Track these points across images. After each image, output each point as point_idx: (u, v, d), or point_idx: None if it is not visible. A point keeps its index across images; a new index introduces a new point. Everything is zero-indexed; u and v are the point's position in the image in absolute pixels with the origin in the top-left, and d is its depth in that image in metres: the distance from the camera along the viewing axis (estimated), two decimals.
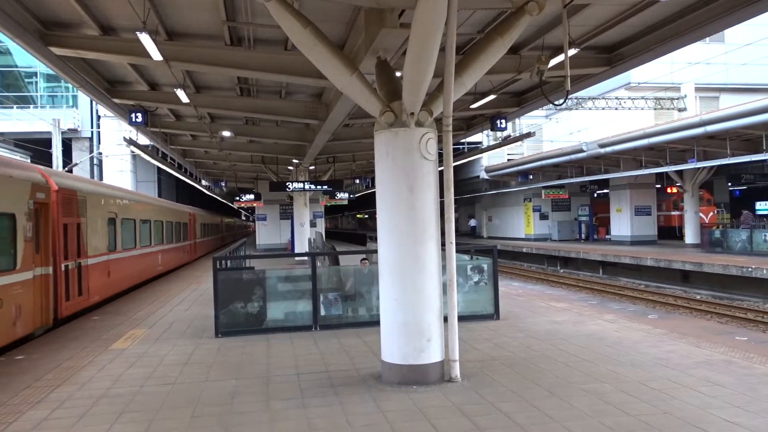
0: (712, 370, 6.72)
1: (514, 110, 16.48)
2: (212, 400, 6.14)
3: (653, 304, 18.46)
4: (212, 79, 13.52)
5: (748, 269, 18.43)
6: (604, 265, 27.07)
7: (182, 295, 15.24)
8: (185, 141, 22.43)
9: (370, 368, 7.20)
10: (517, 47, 11.10)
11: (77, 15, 9.16)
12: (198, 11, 9.17)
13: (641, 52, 10.83)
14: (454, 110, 6.57)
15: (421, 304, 6.52)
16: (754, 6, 8.31)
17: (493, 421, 5.28)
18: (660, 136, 23.24)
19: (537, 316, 10.65)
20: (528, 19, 6.60)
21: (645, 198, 31.37)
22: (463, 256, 11.26)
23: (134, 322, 11.26)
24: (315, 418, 5.49)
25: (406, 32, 6.26)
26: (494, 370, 7.01)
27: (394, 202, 6.59)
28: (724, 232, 24.75)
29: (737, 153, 22.78)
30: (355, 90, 6.68)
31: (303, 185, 23.55)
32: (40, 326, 10.07)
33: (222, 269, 10.92)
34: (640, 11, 9.28)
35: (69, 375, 7.32)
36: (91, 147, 37.21)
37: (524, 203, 39.51)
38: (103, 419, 5.61)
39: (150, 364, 7.77)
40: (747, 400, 5.61)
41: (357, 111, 13.60)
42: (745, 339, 8.93)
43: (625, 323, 9.75)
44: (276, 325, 9.75)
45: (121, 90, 14.02)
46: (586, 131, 38.48)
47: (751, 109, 18.97)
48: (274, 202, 33.32)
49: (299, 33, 6.26)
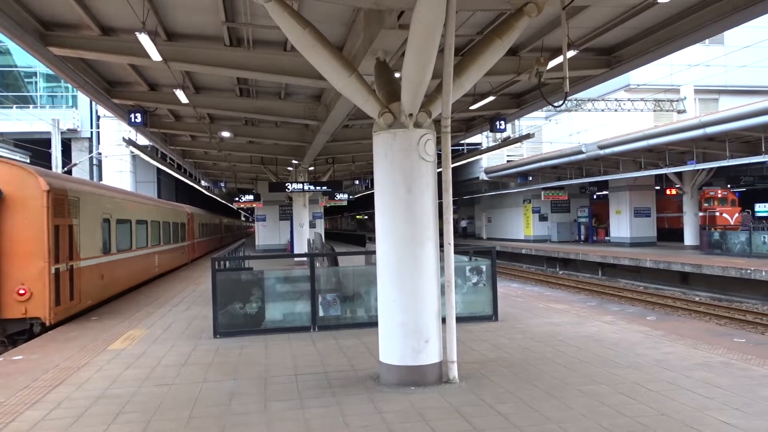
0: (710, 371, 6.72)
1: (514, 111, 16.48)
2: (210, 400, 6.14)
3: (652, 306, 18.48)
4: (212, 80, 13.53)
5: (747, 271, 18.44)
6: (603, 267, 27.08)
7: (181, 295, 15.24)
8: (184, 141, 22.43)
9: (368, 369, 7.20)
10: (516, 49, 11.10)
11: (77, 15, 9.17)
12: (197, 12, 9.17)
13: (640, 54, 10.83)
14: (453, 111, 6.58)
15: (419, 305, 6.52)
16: (754, 8, 8.31)
17: (490, 423, 5.28)
18: (659, 137, 23.27)
19: (535, 317, 10.65)
20: (527, 21, 6.60)
21: (644, 200, 31.39)
22: (462, 257, 11.26)
23: (133, 322, 11.25)
24: (313, 419, 5.49)
25: (405, 33, 6.26)
26: (492, 371, 7.01)
27: (393, 203, 6.59)
28: (724, 233, 24.75)
29: (736, 155, 22.81)
30: (353, 91, 6.68)
31: (302, 186, 23.55)
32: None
33: (221, 270, 10.91)
34: (639, 13, 9.28)
35: (67, 375, 7.31)
36: (90, 147, 37.23)
37: (523, 204, 39.54)
38: (100, 420, 5.61)
39: (148, 365, 7.77)
40: (745, 402, 5.61)
41: (356, 112, 13.61)
42: (744, 341, 8.92)
43: (624, 325, 9.75)
44: (274, 325, 9.76)
45: (120, 90, 14.03)
46: (585, 133, 38.48)
47: (750, 111, 18.99)
48: (273, 203, 33.33)
49: (298, 34, 6.26)
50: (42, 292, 10.31)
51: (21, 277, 10.23)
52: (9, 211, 10.23)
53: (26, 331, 10.41)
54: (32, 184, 10.41)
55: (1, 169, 10.35)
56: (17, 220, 10.27)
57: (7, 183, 10.26)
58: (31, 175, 10.51)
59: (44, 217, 10.41)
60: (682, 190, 28.37)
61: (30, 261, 10.29)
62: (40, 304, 10.31)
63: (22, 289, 10.21)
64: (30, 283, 10.26)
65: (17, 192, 10.28)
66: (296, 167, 25.28)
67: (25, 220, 10.30)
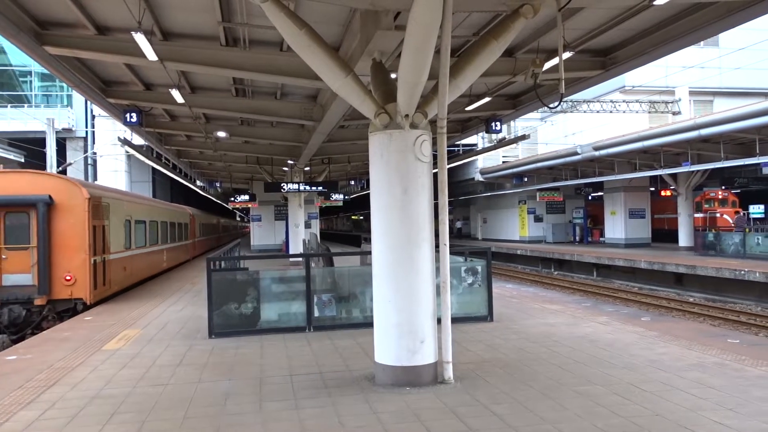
0: (704, 372, 6.75)
1: (509, 112, 16.52)
2: (205, 401, 6.13)
3: (646, 307, 18.54)
4: (207, 80, 13.51)
5: (741, 272, 18.51)
6: (597, 268, 27.15)
7: (177, 295, 15.21)
8: (180, 141, 22.38)
9: (364, 369, 7.20)
10: (512, 50, 11.13)
11: (73, 14, 9.14)
12: (193, 12, 9.16)
13: (636, 56, 10.87)
14: (449, 112, 6.58)
15: (414, 306, 6.53)
16: (749, 10, 8.36)
17: (485, 423, 5.29)
18: (654, 139, 23.35)
19: (530, 318, 10.67)
20: (523, 22, 6.62)
21: (639, 201, 31.47)
22: (457, 258, 11.28)
23: (128, 322, 11.23)
24: (308, 419, 5.49)
25: (402, 34, 6.27)
26: (487, 371, 7.02)
27: (389, 204, 6.60)
28: (718, 234, 24.84)
29: (731, 156, 22.90)
30: (349, 91, 6.68)
31: (298, 186, 23.51)
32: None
33: (216, 270, 10.90)
34: (634, 15, 9.32)
35: (61, 375, 7.30)
36: (85, 147, 37.11)
37: (519, 205, 39.59)
38: (95, 420, 5.60)
39: (143, 365, 7.75)
40: (738, 403, 5.64)
41: (352, 112, 13.62)
42: (738, 341, 8.97)
43: (619, 325, 9.78)
44: (270, 326, 9.74)
45: (116, 90, 14.00)
46: (580, 134, 38.60)
47: (744, 113, 19.08)
48: (269, 203, 33.28)
49: (294, 34, 6.25)
50: (84, 278, 12.92)
51: (67, 266, 12.81)
52: (58, 214, 12.78)
53: (71, 309, 12.86)
54: (76, 193, 13.01)
55: (51, 181, 13.14)
56: (64, 222, 12.83)
57: (56, 192, 12.80)
58: (76, 186, 13.15)
59: (85, 219, 12.97)
60: (677, 191, 28.45)
61: (74, 254, 12.85)
62: (82, 287, 12.89)
63: (68, 276, 12.81)
64: (74, 271, 12.86)
65: (64, 199, 12.85)
66: (292, 167, 25.27)
67: (70, 222, 12.86)
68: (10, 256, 12.54)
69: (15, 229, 12.62)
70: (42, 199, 12.50)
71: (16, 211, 12.61)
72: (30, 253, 12.58)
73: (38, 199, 12.48)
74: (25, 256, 12.58)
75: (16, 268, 12.54)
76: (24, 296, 12.39)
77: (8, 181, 12.83)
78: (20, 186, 12.66)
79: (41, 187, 12.75)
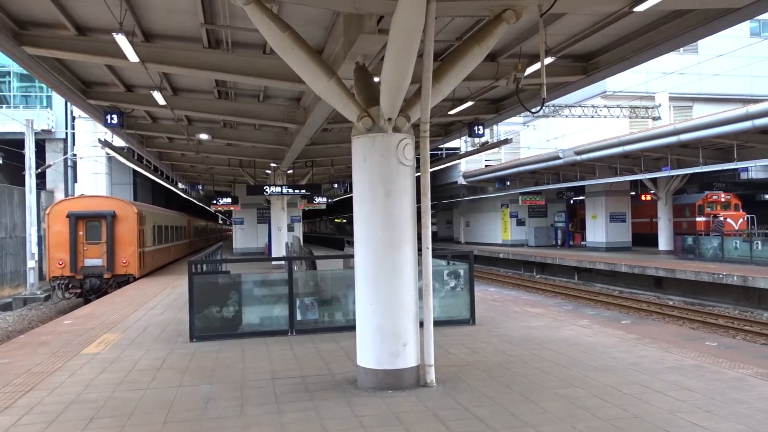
0: (683, 375, 6.83)
1: (492, 117, 16.61)
2: (185, 405, 6.08)
3: (627, 310, 18.72)
4: (190, 82, 13.42)
5: (719, 276, 18.77)
6: (579, 271, 27.37)
7: (157, 298, 15.07)
8: (162, 143, 22.18)
9: (346, 373, 7.19)
10: (494, 55, 11.20)
11: (53, 14, 9.03)
12: (176, 13, 9.10)
13: (617, 61, 11.00)
14: (432, 116, 6.61)
15: (396, 309, 6.54)
16: (725, 18, 8.51)
17: (467, 426, 5.30)
18: (635, 144, 23.63)
19: (512, 321, 10.73)
20: (505, 27, 6.66)
21: (620, 205, 31.78)
22: (440, 261, 11.30)
23: (107, 326, 11.11)
24: (290, 423, 5.47)
25: (385, 38, 6.28)
26: (469, 374, 7.04)
27: (371, 207, 6.60)
28: (696, 239, 25.16)
29: (709, 161, 23.24)
30: (332, 95, 6.68)
31: (281, 189, 23.41)
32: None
33: (198, 273, 10.82)
34: (615, 21, 9.43)
35: (39, 380, 7.19)
36: (65, 148, 36.60)
37: (501, 209, 39.81)
38: (73, 425, 5.52)
39: (122, 369, 7.67)
40: (716, 405, 5.72)
41: (335, 116, 13.60)
42: (715, 344, 9.10)
43: (599, 328, 9.86)
44: (251, 329, 9.68)
45: (96, 91, 13.84)
46: (562, 138, 38.93)
47: (723, 119, 19.38)
48: (251, 206, 33.12)
49: (277, 37, 6.24)
50: (134, 262, 20.55)
51: (124, 254, 20.41)
52: (119, 223, 20.41)
53: (125, 281, 20.18)
54: (130, 210, 20.75)
55: (115, 202, 21.30)
56: (123, 227, 20.46)
57: (118, 209, 20.59)
58: (130, 205, 21.05)
59: (135, 226, 20.60)
60: (657, 195, 28.78)
61: (129, 247, 20.47)
62: (133, 267, 20.55)
63: (125, 260, 20.37)
64: (128, 257, 20.46)
65: (123, 214, 20.57)
66: (275, 170, 25.16)
67: (126, 227, 20.51)
68: (89, 247, 20.06)
69: (92, 231, 20.06)
70: (110, 213, 20.22)
71: (93, 220, 20.09)
72: (101, 246, 20.14)
73: (107, 213, 20.17)
74: (98, 248, 20.14)
75: (93, 255, 20.09)
76: (98, 273, 19.94)
77: (89, 202, 20.90)
78: (96, 204, 20.57)
79: (109, 205, 20.61)
